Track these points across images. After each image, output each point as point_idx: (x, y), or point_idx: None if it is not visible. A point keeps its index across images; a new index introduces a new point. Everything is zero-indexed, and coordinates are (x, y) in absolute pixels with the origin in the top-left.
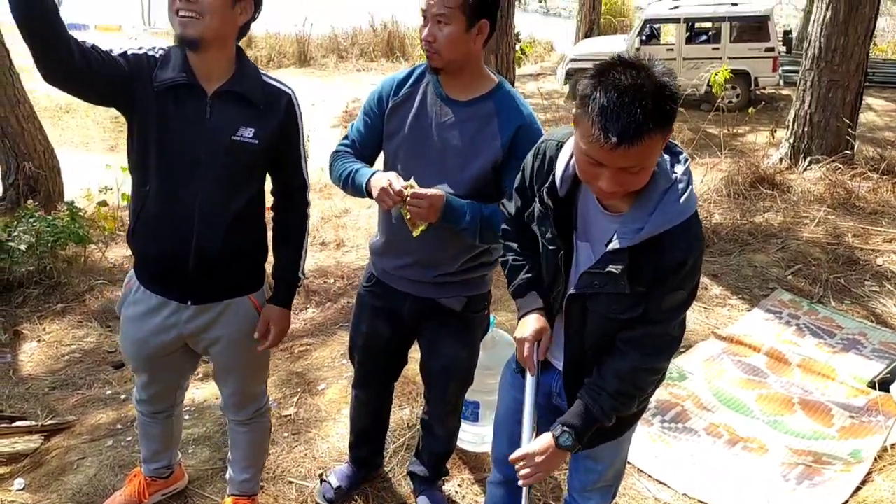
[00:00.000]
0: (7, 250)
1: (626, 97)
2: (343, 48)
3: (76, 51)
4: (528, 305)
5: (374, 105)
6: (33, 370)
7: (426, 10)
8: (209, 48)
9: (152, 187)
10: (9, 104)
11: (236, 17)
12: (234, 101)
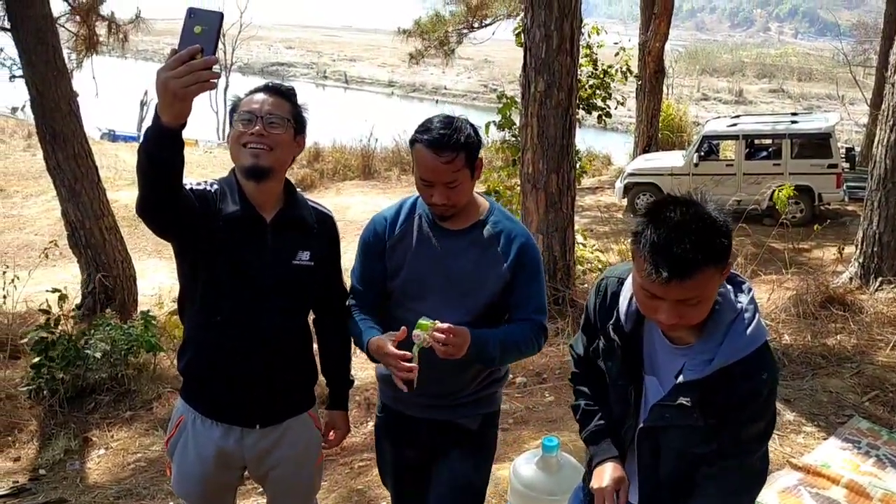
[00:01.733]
0: (83, 357)
1: (676, 233)
2: (406, 161)
3: (180, 191)
4: (602, 454)
5: (371, 246)
6: (100, 478)
7: (431, 180)
8: (272, 178)
9: (224, 317)
10: (94, 217)
11: (295, 149)
12: (290, 227)
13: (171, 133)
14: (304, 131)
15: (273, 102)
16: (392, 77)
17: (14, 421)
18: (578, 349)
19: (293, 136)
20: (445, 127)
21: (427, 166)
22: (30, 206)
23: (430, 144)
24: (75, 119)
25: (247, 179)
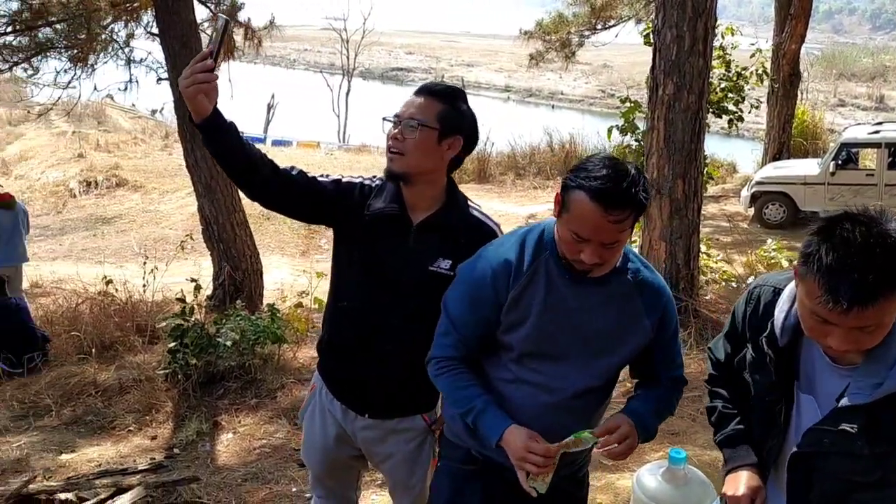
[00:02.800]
0: (214, 345)
1: (858, 257)
2: (521, 166)
3: (275, 182)
4: (739, 459)
5: (486, 293)
6: (228, 460)
7: (587, 237)
8: (415, 182)
9: (348, 304)
10: (226, 213)
11: (443, 153)
12: (435, 233)
13: (201, 128)
14: (454, 134)
15: (420, 105)
16: (508, 82)
17: (152, 402)
18: (719, 354)
19: (436, 140)
20: (620, 178)
21: (588, 222)
22: (165, 202)
23: (598, 197)
24: None
25: (388, 181)
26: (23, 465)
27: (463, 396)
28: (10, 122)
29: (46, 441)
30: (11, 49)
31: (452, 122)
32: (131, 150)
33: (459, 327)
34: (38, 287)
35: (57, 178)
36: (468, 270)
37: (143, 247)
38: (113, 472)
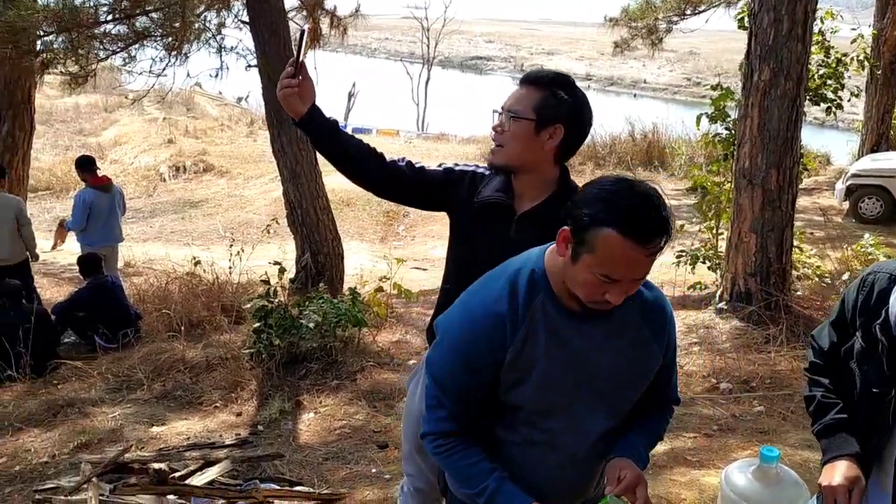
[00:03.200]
0: (297, 327)
1: None
2: (601, 156)
3: (382, 174)
4: (838, 448)
5: (481, 358)
6: (309, 439)
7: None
8: (518, 173)
9: (451, 288)
10: (310, 197)
11: (542, 143)
12: (537, 224)
13: (299, 126)
14: (553, 123)
15: (518, 95)
16: (589, 70)
17: (237, 379)
18: (823, 342)
19: (534, 131)
20: (648, 203)
21: (622, 261)
22: (250, 187)
23: (633, 232)
24: None
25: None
26: (117, 436)
27: (472, 475)
28: (105, 108)
29: (139, 413)
30: (111, 38)
31: (550, 111)
32: (218, 136)
33: (452, 398)
34: (130, 266)
35: (148, 163)
36: (453, 330)
37: (229, 230)
38: (201, 445)
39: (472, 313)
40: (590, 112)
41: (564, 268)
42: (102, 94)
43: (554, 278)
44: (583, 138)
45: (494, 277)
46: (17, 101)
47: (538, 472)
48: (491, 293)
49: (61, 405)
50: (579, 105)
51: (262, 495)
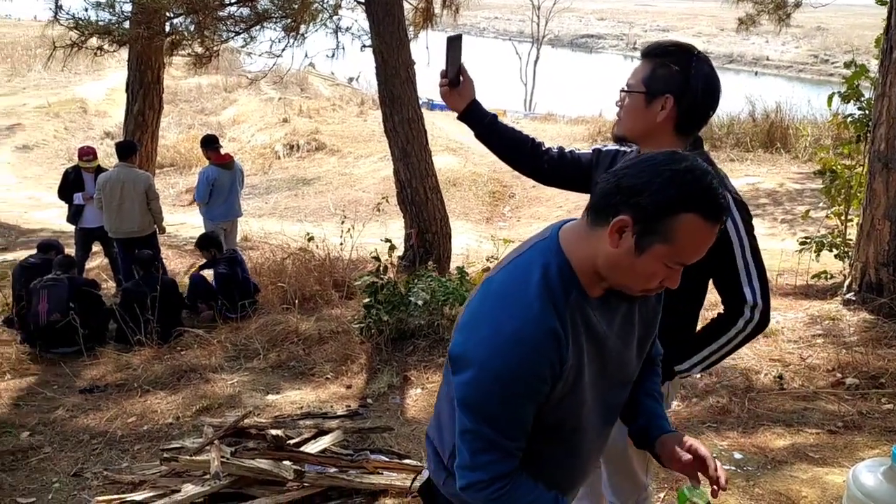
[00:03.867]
0: (406, 304)
1: None
2: (717, 136)
3: (543, 162)
4: None
5: (542, 379)
6: (417, 414)
7: (691, 262)
8: (640, 144)
9: None
10: (420, 176)
11: (654, 114)
12: None
13: (461, 118)
14: (662, 94)
15: (635, 69)
16: (707, 47)
17: (347, 353)
18: None
19: (644, 103)
20: (719, 182)
21: (702, 245)
22: (360, 166)
23: (716, 214)
24: (411, 86)
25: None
26: (236, 401)
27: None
28: (225, 88)
29: (255, 381)
30: (234, 19)
31: (658, 82)
32: (330, 115)
33: (509, 435)
34: (247, 241)
35: (264, 142)
36: (494, 358)
37: (339, 207)
38: (315, 414)
39: (517, 333)
40: (706, 83)
41: (616, 259)
42: (223, 75)
43: (583, 268)
44: (701, 109)
45: (515, 283)
46: (147, 82)
47: (560, 472)
48: (526, 303)
49: (184, 370)
50: (691, 75)
51: (373, 466)
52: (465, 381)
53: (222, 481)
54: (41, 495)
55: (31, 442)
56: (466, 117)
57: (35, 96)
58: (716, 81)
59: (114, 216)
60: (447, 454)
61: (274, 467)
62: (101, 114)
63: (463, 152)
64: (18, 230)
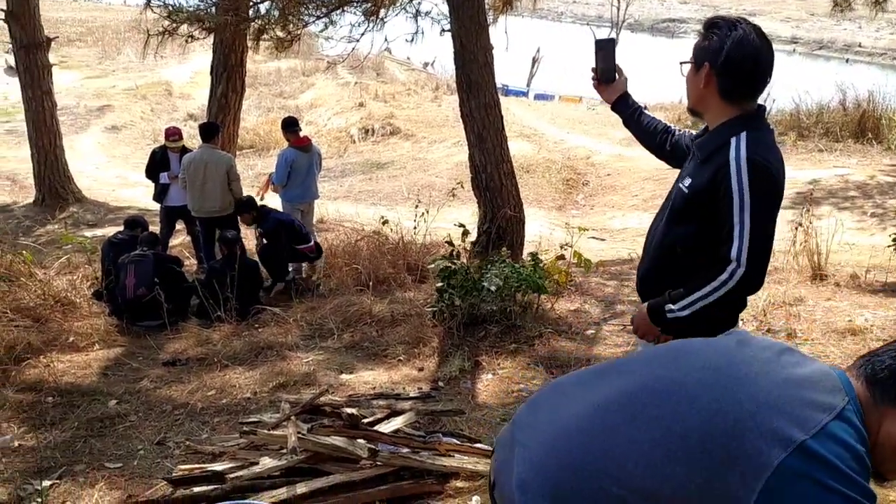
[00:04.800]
0: (479, 289)
1: None
2: (805, 126)
3: (669, 148)
4: None
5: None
6: (487, 399)
7: None
8: (701, 113)
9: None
10: (495, 162)
11: (700, 83)
12: (695, 154)
13: (613, 108)
14: (702, 64)
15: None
16: (795, 33)
17: (420, 336)
18: None
19: (693, 73)
20: None
21: None
22: (433, 150)
23: None
24: (488, 70)
25: None
26: (311, 379)
27: None
28: (304, 72)
29: (329, 360)
30: (317, 4)
31: (700, 52)
32: (405, 100)
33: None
34: (322, 223)
35: (340, 125)
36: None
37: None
38: (388, 395)
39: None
40: (739, 46)
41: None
42: (301, 59)
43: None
44: (739, 73)
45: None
46: (231, 65)
47: None
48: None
49: (262, 347)
50: (725, 44)
51: (444, 448)
52: None
53: (299, 456)
54: (127, 461)
55: (119, 410)
56: (617, 106)
57: (124, 79)
58: (751, 45)
59: (197, 195)
60: None
61: (349, 445)
62: (185, 96)
63: (537, 139)
64: (107, 207)
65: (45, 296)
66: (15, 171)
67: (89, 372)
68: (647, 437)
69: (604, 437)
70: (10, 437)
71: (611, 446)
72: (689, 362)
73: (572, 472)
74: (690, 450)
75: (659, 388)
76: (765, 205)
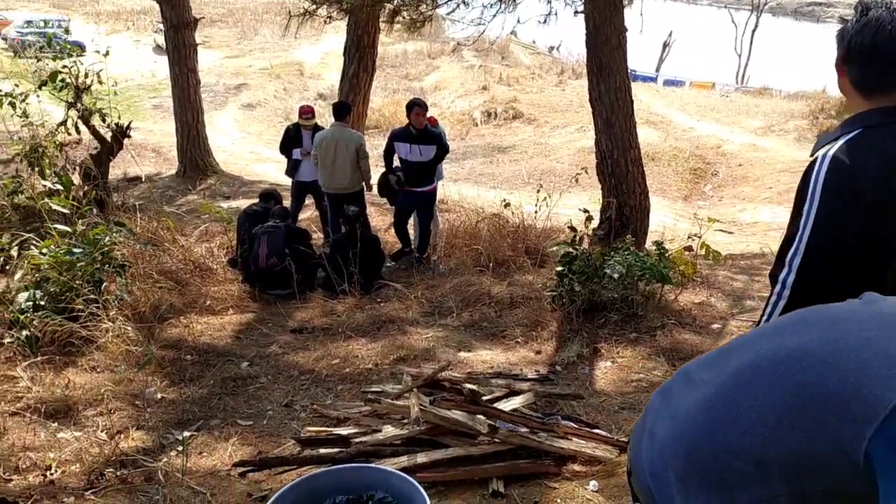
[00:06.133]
0: (600, 276)
1: None
2: None
3: None
4: None
5: None
6: (605, 387)
7: None
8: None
9: None
10: (622, 148)
11: (839, 75)
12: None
13: None
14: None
15: None
16: None
17: (538, 319)
18: None
19: (837, 66)
20: None
21: None
22: (555, 136)
23: None
24: (621, 53)
25: None
26: (430, 354)
27: None
28: (429, 55)
29: (448, 338)
30: None
31: (839, 39)
32: (528, 84)
33: None
34: (443, 203)
35: (463, 108)
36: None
37: (532, 176)
38: (506, 375)
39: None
40: (863, 36)
41: None
42: (427, 42)
43: None
44: (866, 65)
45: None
46: (363, 46)
47: None
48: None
49: (383, 321)
50: (852, 30)
51: (563, 431)
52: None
53: (420, 427)
54: (257, 420)
55: (250, 371)
56: None
57: (260, 58)
58: (875, 29)
59: (327, 172)
60: None
61: (469, 420)
62: (316, 76)
63: (664, 126)
64: (241, 181)
65: (186, 261)
66: (160, 144)
67: (224, 334)
68: (769, 404)
69: (725, 415)
70: (154, 390)
71: (731, 422)
72: (814, 327)
73: (696, 454)
74: (804, 408)
75: (781, 356)
76: (830, 222)
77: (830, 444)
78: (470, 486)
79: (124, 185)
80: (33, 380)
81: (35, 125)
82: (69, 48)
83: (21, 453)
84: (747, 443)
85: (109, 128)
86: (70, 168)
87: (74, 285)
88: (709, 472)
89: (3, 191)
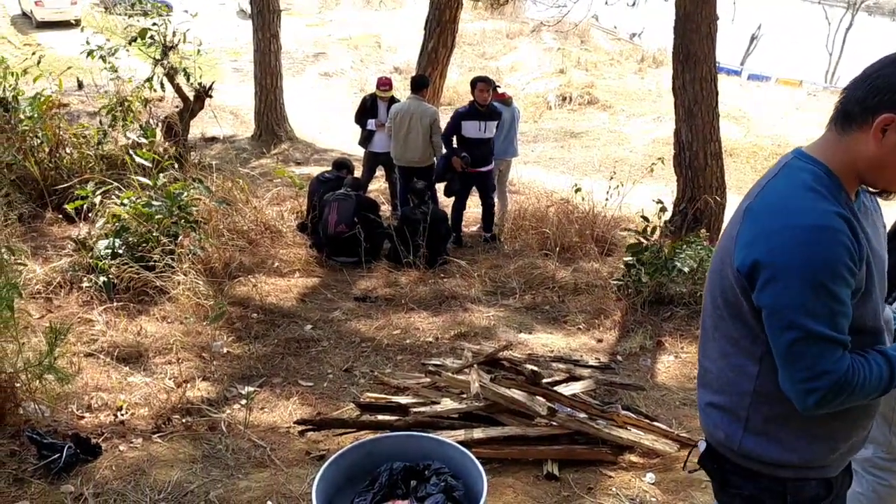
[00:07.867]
0: (669, 269)
1: None
2: None
3: None
4: None
5: (853, 265)
6: (667, 381)
7: None
8: None
9: None
10: (702, 140)
11: None
12: None
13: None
14: None
15: None
16: None
17: (601, 307)
18: None
19: None
20: None
21: None
22: (630, 125)
23: None
24: (710, 42)
25: None
26: (490, 333)
27: (881, 375)
28: (507, 35)
29: (509, 318)
30: None
31: None
32: (606, 70)
33: (838, 326)
34: (512, 185)
35: (538, 91)
36: (798, 253)
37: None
38: (567, 360)
39: (815, 223)
40: None
41: (882, 157)
42: (507, 21)
43: (843, 173)
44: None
45: (789, 192)
46: (444, 21)
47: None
48: (809, 201)
49: (446, 296)
50: None
51: (622, 420)
52: (773, 289)
53: (478, 403)
54: (318, 382)
55: (313, 334)
56: None
57: (339, 29)
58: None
59: (400, 144)
60: (746, 406)
61: (528, 400)
62: (392, 49)
63: (745, 122)
64: (314, 148)
65: (257, 222)
66: (238, 107)
67: (290, 296)
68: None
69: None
70: (220, 344)
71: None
72: None
73: None
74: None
75: None
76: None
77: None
78: (524, 466)
79: (202, 145)
80: (108, 324)
81: (123, 80)
82: (157, 6)
83: (94, 392)
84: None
85: (193, 87)
86: (153, 124)
87: (152, 237)
88: None
89: (90, 141)
